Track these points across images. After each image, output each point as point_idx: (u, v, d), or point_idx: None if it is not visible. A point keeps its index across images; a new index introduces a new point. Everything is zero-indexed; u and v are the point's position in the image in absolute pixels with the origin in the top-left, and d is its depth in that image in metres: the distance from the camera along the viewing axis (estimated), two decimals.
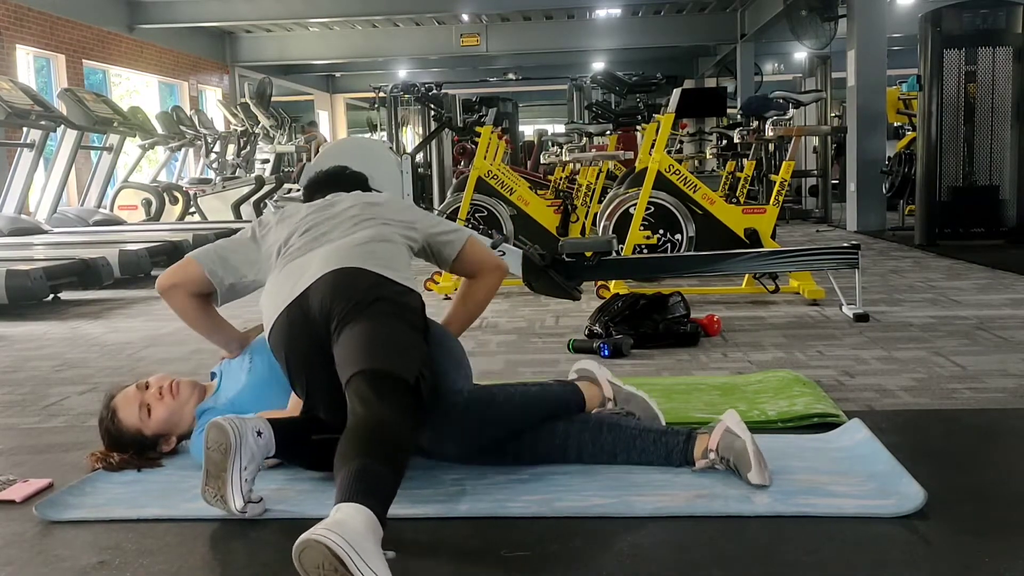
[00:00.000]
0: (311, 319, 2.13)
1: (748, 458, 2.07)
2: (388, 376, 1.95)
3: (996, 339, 3.82)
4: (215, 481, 1.94)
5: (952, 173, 7.49)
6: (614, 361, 3.63)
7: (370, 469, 1.70)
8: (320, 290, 2.15)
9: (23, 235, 7.93)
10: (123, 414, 2.39)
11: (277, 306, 2.19)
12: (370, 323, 2.06)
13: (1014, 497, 2.03)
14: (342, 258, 2.22)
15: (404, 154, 4.49)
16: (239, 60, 19.02)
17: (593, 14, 17.25)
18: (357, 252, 2.24)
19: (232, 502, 1.93)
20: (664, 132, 5.23)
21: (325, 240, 2.31)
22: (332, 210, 2.43)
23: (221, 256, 2.40)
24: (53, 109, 8.55)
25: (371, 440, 1.78)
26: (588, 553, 1.81)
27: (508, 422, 2.21)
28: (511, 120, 13.99)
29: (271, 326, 2.21)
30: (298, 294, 2.17)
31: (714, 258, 4.63)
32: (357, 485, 1.66)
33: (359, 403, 1.89)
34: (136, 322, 5.11)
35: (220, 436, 1.94)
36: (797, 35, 10.97)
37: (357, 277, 2.17)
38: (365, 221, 2.37)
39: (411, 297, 2.23)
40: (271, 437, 2.04)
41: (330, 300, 2.11)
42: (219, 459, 1.93)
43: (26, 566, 1.85)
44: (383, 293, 2.15)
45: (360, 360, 1.98)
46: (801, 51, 12.48)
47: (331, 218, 2.39)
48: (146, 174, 12.31)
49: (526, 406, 2.23)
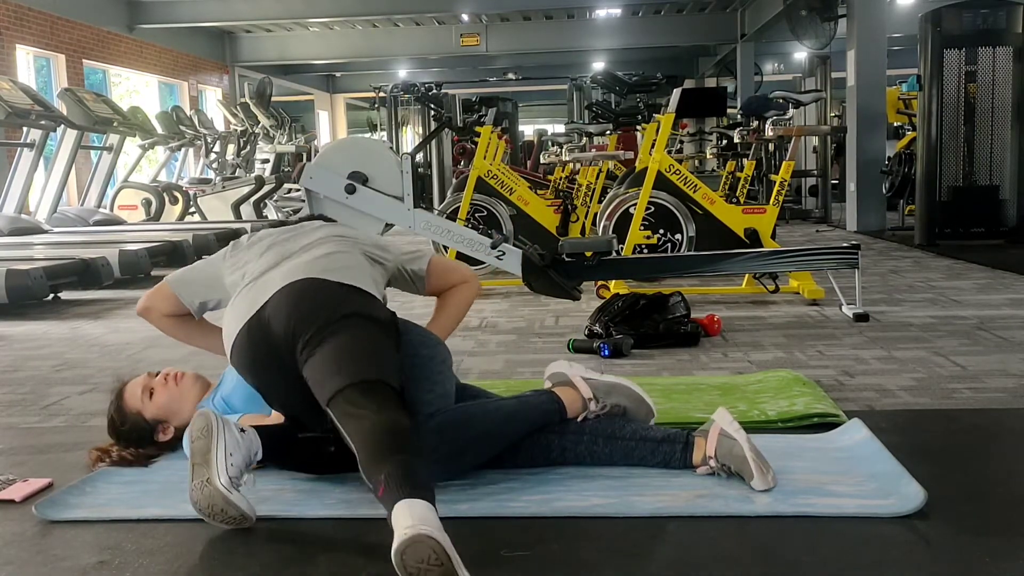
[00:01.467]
0: (273, 338, 2.09)
1: (749, 467, 2.06)
2: (376, 383, 1.94)
3: (996, 339, 3.82)
4: (200, 469, 1.91)
5: (952, 173, 7.49)
6: (614, 361, 3.63)
7: (410, 464, 1.73)
8: (280, 307, 2.11)
9: (23, 235, 7.93)
10: (127, 395, 2.48)
11: (237, 323, 2.16)
12: (340, 338, 2.02)
13: (1014, 497, 2.03)
14: (301, 271, 2.19)
15: (404, 154, 4.49)
16: (239, 60, 19.02)
17: (593, 14, 17.25)
18: (317, 264, 2.22)
19: (217, 479, 1.89)
20: (664, 132, 5.23)
21: (285, 257, 2.29)
22: (299, 230, 2.44)
23: (190, 279, 2.48)
24: (53, 109, 8.55)
25: (394, 437, 1.80)
26: (588, 553, 1.81)
27: (485, 444, 2.15)
28: (511, 120, 13.98)
29: (231, 345, 2.18)
30: (257, 308, 2.13)
31: (714, 258, 4.63)
32: (412, 480, 1.69)
33: (358, 414, 1.87)
34: (136, 322, 5.09)
35: (202, 422, 1.95)
36: (797, 35, 10.96)
37: (318, 290, 2.14)
38: (332, 239, 2.36)
39: (375, 304, 2.18)
40: (255, 438, 2.02)
41: (294, 321, 2.06)
42: (203, 444, 1.93)
43: (26, 566, 1.85)
44: (346, 308, 2.10)
45: (341, 376, 1.94)
46: (801, 51, 12.48)
47: (297, 237, 2.39)
48: (146, 174, 12.31)
49: (503, 424, 2.17)
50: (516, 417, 2.19)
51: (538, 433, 2.22)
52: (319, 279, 2.17)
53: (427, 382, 2.18)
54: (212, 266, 2.47)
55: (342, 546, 1.90)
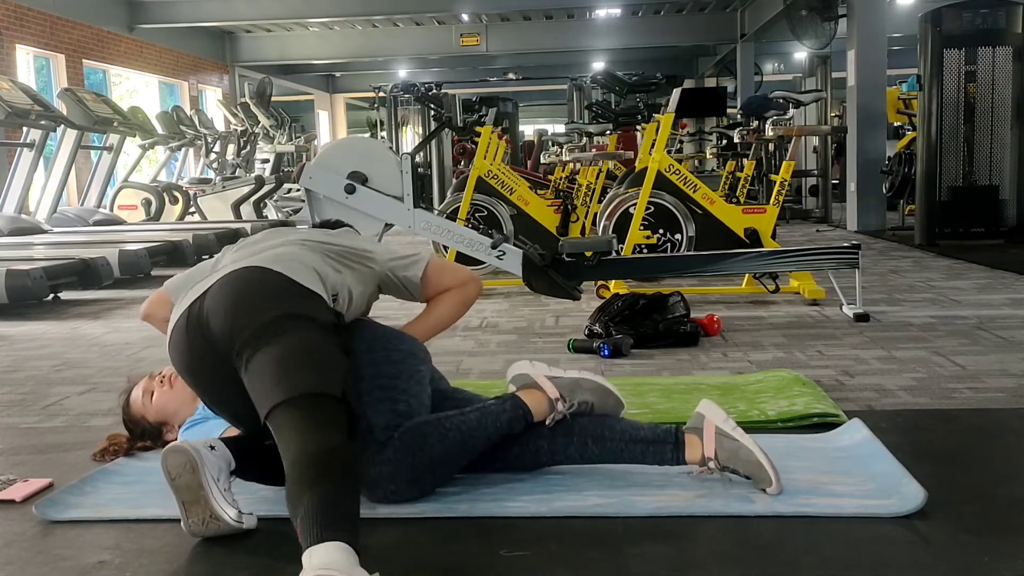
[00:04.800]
0: (210, 334, 1.97)
1: (767, 474, 2.01)
2: (313, 397, 1.82)
3: (996, 339, 3.82)
4: (195, 507, 1.86)
5: (952, 173, 7.49)
6: (614, 361, 3.63)
7: (326, 499, 1.62)
8: (217, 298, 2.00)
9: (23, 235, 7.93)
10: (132, 400, 2.52)
11: (176, 313, 2.06)
12: (281, 342, 1.89)
13: (1014, 497, 2.03)
14: (246, 260, 2.10)
15: (404, 154, 4.49)
16: (239, 60, 19.02)
17: (593, 14, 17.25)
18: (266, 255, 2.12)
19: (225, 515, 1.86)
20: (664, 132, 5.23)
21: (252, 253, 2.18)
22: (284, 232, 2.33)
23: (184, 283, 2.34)
24: (53, 109, 8.55)
25: (317, 468, 1.68)
26: (588, 553, 1.81)
27: (443, 467, 2.07)
28: (511, 120, 13.98)
29: (169, 336, 2.07)
30: (196, 296, 2.04)
31: (714, 258, 4.63)
32: (321, 520, 1.58)
33: (291, 435, 1.76)
34: (136, 322, 5.09)
35: (179, 458, 1.85)
36: (797, 35, 10.96)
37: (261, 282, 2.03)
38: (302, 242, 2.24)
39: (317, 303, 2.03)
40: (226, 451, 1.95)
41: (231, 316, 1.94)
42: (189, 480, 1.84)
43: (26, 566, 1.85)
44: (289, 306, 1.97)
45: (277, 390, 1.82)
46: (801, 51, 12.48)
47: (275, 236, 2.29)
48: (146, 174, 12.31)
49: (461, 445, 2.07)
50: (474, 435, 2.09)
51: (526, 438, 2.15)
52: (262, 267, 2.06)
53: (383, 393, 2.08)
54: (203, 270, 2.37)
55: None
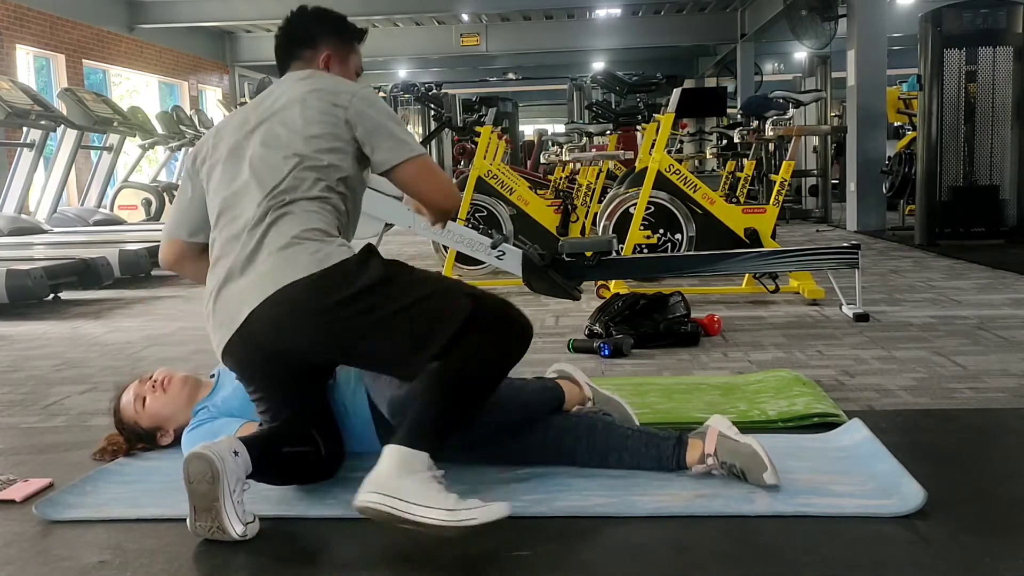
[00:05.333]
0: (271, 353, 2.03)
1: (762, 460, 2.04)
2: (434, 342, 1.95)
3: (996, 339, 3.82)
4: (206, 514, 1.86)
5: (952, 173, 7.48)
6: (614, 361, 3.63)
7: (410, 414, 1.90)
8: (267, 329, 1.99)
9: (23, 235, 7.93)
10: (123, 406, 2.48)
11: (223, 335, 2.04)
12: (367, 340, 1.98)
13: (1014, 497, 2.03)
14: (265, 285, 1.99)
15: None
16: (239, 60, 19.01)
17: (593, 14, 17.24)
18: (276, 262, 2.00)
19: (232, 530, 1.86)
20: (664, 132, 5.23)
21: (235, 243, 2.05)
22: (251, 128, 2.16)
23: (179, 219, 2.30)
24: (53, 109, 8.56)
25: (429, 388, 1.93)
26: (588, 553, 1.81)
27: (487, 412, 2.09)
28: (511, 120, 14.00)
29: (222, 349, 2.06)
30: (237, 327, 2.01)
31: (714, 258, 4.63)
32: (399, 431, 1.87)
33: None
34: (136, 322, 5.11)
35: (203, 466, 1.84)
36: (797, 35, 10.97)
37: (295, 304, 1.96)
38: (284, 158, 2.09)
39: (346, 266, 1.99)
40: (247, 456, 1.94)
41: (290, 341, 1.99)
42: (207, 490, 1.84)
43: (26, 566, 1.85)
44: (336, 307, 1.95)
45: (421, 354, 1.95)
46: (801, 51, 12.48)
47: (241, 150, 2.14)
48: (146, 174, 12.31)
49: (505, 397, 2.15)
50: (515, 392, 2.24)
51: (535, 425, 2.25)
52: (284, 292, 1.97)
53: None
54: (183, 194, 2.29)
55: (342, 546, 1.90)
